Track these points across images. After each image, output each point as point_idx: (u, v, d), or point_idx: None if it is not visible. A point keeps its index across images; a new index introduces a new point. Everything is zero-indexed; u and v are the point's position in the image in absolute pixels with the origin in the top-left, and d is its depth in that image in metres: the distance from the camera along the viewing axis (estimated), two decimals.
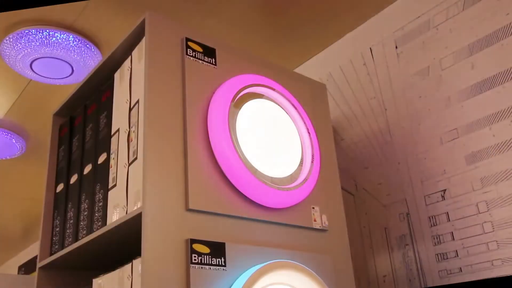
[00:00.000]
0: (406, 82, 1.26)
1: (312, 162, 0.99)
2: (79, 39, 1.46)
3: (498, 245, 1.00)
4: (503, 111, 1.04)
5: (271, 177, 0.92)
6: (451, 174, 1.11)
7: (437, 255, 1.11)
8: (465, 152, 1.10)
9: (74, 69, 1.57)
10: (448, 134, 1.14)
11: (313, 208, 0.99)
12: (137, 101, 0.90)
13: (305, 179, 0.96)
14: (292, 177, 0.96)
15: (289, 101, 1.03)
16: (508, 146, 1.02)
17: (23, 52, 1.47)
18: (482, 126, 1.07)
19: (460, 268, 1.06)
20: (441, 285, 1.04)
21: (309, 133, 1.02)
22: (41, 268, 1.08)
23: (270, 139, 0.97)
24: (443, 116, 1.16)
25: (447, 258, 1.09)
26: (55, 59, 1.51)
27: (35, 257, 3.09)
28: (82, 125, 1.11)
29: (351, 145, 1.38)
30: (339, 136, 1.41)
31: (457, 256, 1.07)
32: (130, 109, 0.92)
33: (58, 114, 1.22)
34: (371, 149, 1.32)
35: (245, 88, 0.95)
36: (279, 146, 0.98)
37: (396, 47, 1.30)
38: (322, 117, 1.14)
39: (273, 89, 1.01)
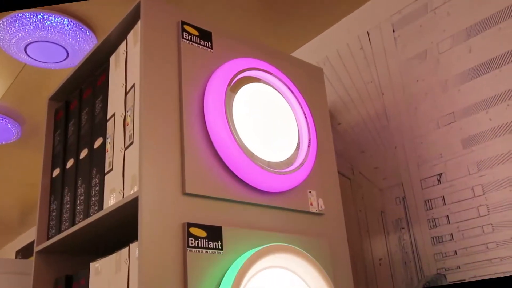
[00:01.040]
0: (403, 66, 1.25)
1: (308, 146, 0.99)
2: (73, 23, 1.45)
3: (493, 228, 1.01)
4: (500, 95, 1.04)
5: (268, 161, 0.92)
6: (447, 158, 1.12)
7: (433, 238, 1.12)
8: (461, 136, 1.10)
9: (69, 53, 1.55)
10: (444, 118, 1.14)
11: (310, 192, 1.00)
12: (133, 85, 0.90)
13: (302, 163, 0.96)
14: (289, 161, 0.96)
15: (286, 85, 1.02)
16: (505, 129, 1.02)
17: (17, 36, 1.45)
18: (478, 110, 1.07)
19: (455, 251, 1.07)
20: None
21: (305, 117, 1.02)
22: (38, 252, 1.08)
23: (267, 123, 0.97)
24: (440, 100, 1.15)
25: (442, 241, 1.10)
26: (50, 43, 1.50)
27: (33, 242, 3.10)
28: (77, 109, 1.10)
29: (348, 129, 1.38)
30: (336, 120, 1.41)
31: (453, 239, 1.08)
32: (126, 93, 0.92)
33: (53, 98, 1.21)
34: (367, 133, 1.32)
35: (242, 72, 0.95)
36: (275, 130, 0.97)
37: (394, 31, 1.29)
38: (319, 101, 1.13)
39: (270, 73, 1.00)
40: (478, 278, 1.01)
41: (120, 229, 0.95)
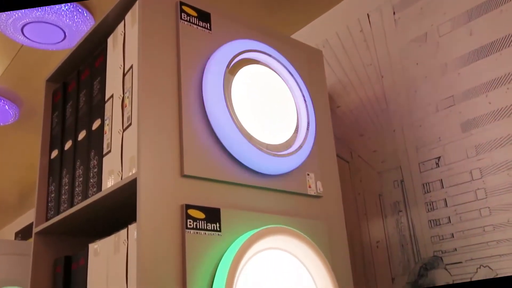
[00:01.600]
0: (403, 49, 1.25)
1: (307, 129, 0.99)
2: (71, 4, 1.43)
3: (490, 212, 1.01)
4: (500, 78, 1.04)
5: (267, 144, 0.91)
6: (446, 142, 1.12)
7: (430, 221, 1.12)
8: (460, 119, 1.10)
9: (66, 34, 1.54)
10: (444, 102, 1.14)
11: (308, 174, 1.00)
12: (131, 67, 0.89)
13: (300, 146, 0.96)
14: (288, 144, 0.96)
15: (285, 67, 1.02)
16: (504, 113, 1.02)
17: (14, 16, 1.44)
18: (478, 94, 1.07)
19: (452, 234, 1.07)
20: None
21: (304, 99, 1.02)
22: (37, 233, 1.09)
23: (266, 105, 0.96)
24: (440, 83, 1.15)
25: (439, 224, 1.10)
26: (47, 24, 1.48)
27: (32, 224, 3.12)
28: (75, 91, 1.10)
29: (347, 112, 1.38)
30: (335, 103, 1.41)
31: (450, 222, 1.08)
32: (124, 75, 0.91)
33: (51, 80, 1.21)
34: (366, 116, 1.32)
35: (241, 54, 0.94)
36: (274, 112, 0.97)
37: (394, 13, 1.28)
38: (318, 84, 1.13)
39: (269, 55, 0.99)
40: (474, 260, 1.02)
41: (119, 211, 0.95)
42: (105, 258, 0.87)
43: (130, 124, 0.86)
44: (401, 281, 1.16)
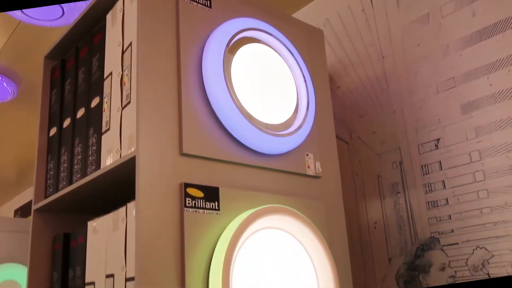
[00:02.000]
0: (405, 30, 1.24)
1: (307, 109, 0.99)
2: None
3: (488, 194, 1.02)
4: (502, 60, 1.03)
5: (266, 123, 0.91)
6: (445, 124, 1.11)
7: (428, 203, 1.13)
8: (461, 101, 1.09)
9: (64, 10, 1.52)
10: (445, 83, 1.13)
11: (307, 155, 1.00)
12: (130, 44, 0.88)
13: (300, 126, 0.96)
14: (287, 124, 0.95)
15: (285, 46, 1.01)
16: (505, 95, 1.01)
17: None
18: (479, 75, 1.06)
19: (450, 215, 1.08)
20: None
21: (305, 79, 1.01)
22: (36, 210, 1.09)
23: (265, 85, 0.96)
24: (441, 64, 1.14)
25: (437, 206, 1.11)
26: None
27: (31, 201, 3.13)
28: (74, 68, 1.09)
29: (347, 93, 1.37)
30: (335, 84, 1.40)
31: (447, 204, 1.09)
32: (123, 52, 0.90)
33: (49, 57, 1.20)
34: (367, 97, 1.31)
35: (241, 32, 0.93)
36: (274, 92, 0.97)
37: None
38: (318, 64, 1.12)
39: (270, 34, 0.98)
40: (471, 241, 1.03)
41: (118, 189, 0.95)
42: (104, 235, 0.88)
43: (129, 102, 0.85)
44: (397, 262, 1.17)
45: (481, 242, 1.01)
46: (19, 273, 1.59)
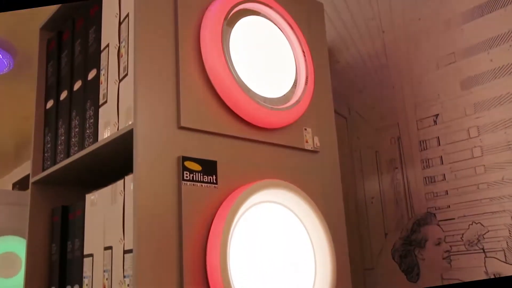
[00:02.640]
0: (406, 3, 1.22)
1: (306, 83, 0.98)
2: None
3: (485, 170, 1.02)
4: (503, 35, 1.02)
5: (264, 97, 0.91)
6: (445, 99, 1.11)
7: (425, 178, 1.13)
8: (460, 77, 1.08)
9: None
10: (445, 58, 1.12)
11: (305, 129, 0.99)
12: (127, 15, 0.87)
13: (298, 100, 0.95)
14: (286, 98, 0.95)
15: (284, 19, 0.99)
16: (505, 71, 1.01)
17: None
18: (480, 51, 1.05)
19: (447, 191, 1.08)
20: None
21: (304, 54, 1.00)
22: (34, 183, 1.09)
23: (264, 58, 0.95)
24: (442, 39, 1.13)
25: (434, 182, 1.11)
26: None
27: (29, 175, 3.13)
28: (70, 40, 1.07)
29: (346, 68, 1.36)
30: (334, 58, 1.39)
31: (445, 179, 1.09)
32: (120, 24, 0.89)
33: (45, 28, 1.18)
34: (366, 72, 1.30)
35: (240, 4, 0.92)
36: (273, 66, 0.96)
37: None
38: (317, 38, 1.11)
39: (269, 6, 0.97)
40: (467, 217, 1.04)
41: (115, 162, 0.95)
42: (102, 208, 0.88)
43: (126, 75, 0.85)
44: (394, 236, 1.19)
45: (477, 218, 1.02)
46: (18, 245, 1.60)
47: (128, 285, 0.77)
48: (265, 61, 0.95)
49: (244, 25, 0.93)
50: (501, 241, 0.98)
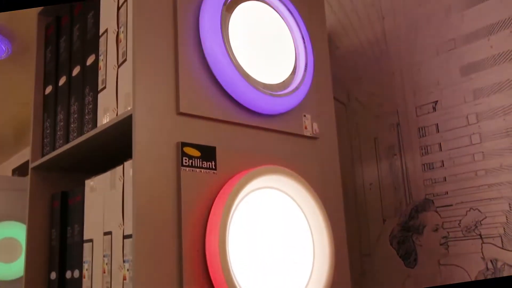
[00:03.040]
0: None
1: (305, 69, 0.98)
2: None
3: (483, 156, 1.02)
4: (504, 21, 1.01)
5: (264, 83, 0.90)
6: (444, 86, 1.11)
7: (424, 165, 1.13)
8: (460, 63, 1.08)
9: None
10: (445, 45, 1.12)
11: (305, 116, 0.99)
12: (125, 0, 0.86)
13: (298, 87, 0.95)
14: (285, 84, 0.95)
15: (284, 5, 0.99)
16: (505, 58, 1.01)
17: None
18: (480, 37, 1.05)
19: (445, 177, 1.09)
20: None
21: (303, 39, 1.00)
22: (33, 168, 1.09)
23: (264, 44, 0.94)
24: (442, 25, 1.12)
25: (433, 168, 1.11)
26: None
27: (28, 161, 3.13)
28: (69, 25, 1.07)
29: (346, 54, 1.36)
30: (334, 44, 1.38)
31: (443, 166, 1.09)
32: (118, 8, 0.88)
33: (43, 13, 1.17)
34: (365, 58, 1.30)
35: None
36: (272, 51, 0.95)
37: None
38: (317, 24, 1.10)
39: None
40: (465, 203, 1.04)
41: (115, 148, 0.95)
42: (102, 194, 0.88)
43: (125, 60, 0.84)
44: (392, 223, 1.19)
45: (474, 204, 1.03)
46: (19, 230, 1.61)
47: (127, 269, 0.77)
48: (265, 47, 0.94)
49: (243, 10, 0.92)
50: (498, 227, 0.98)
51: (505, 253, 0.97)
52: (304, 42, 0.99)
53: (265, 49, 0.94)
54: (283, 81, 0.95)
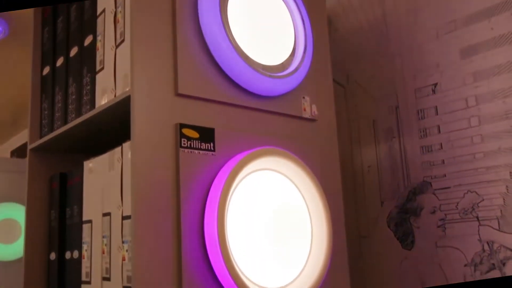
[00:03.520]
0: None
1: (304, 51, 0.97)
2: None
3: (482, 139, 1.02)
4: (504, 3, 1.00)
5: (263, 64, 0.90)
6: (444, 68, 1.10)
7: (422, 147, 1.14)
8: (460, 45, 1.07)
9: None
10: (445, 26, 1.11)
11: (304, 97, 0.99)
12: None
13: (297, 68, 0.94)
14: (284, 65, 0.94)
15: None
16: (506, 39, 1.00)
17: None
18: (481, 19, 1.04)
19: (443, 160, 1.09)
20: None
21: (303, 21, 0.99)
22: (32, 150, 1.09)
23: (263, 25, 0.94)
24: (443, 7, 1.11)
25: (431, 151, 1.11)
26: None
27: (27, 143, 3.12)
28: (66, 5, 1.06)
29: (345, 36, 1.35)
30: (333, 27, 1.37)
31: (442, 148, 1.09)
32: None
33: None
34: (365, 40, 1.29)
35: None
36: (271, 33, 0.95)
37: None
38: (317, 5, 1.09)
39: None
40: (462, 186, 1.04)
41: (113, 129, 0.95)
42: (100, 175, 0.89)
43: (123, 40, 0.84)
44: (389, 205, 1.20)
45: (472, 186, 1.03)
46: (18, 212, 1.62)
47: (126, 250, 0.78)
48: (264, 28, 0.93)
49: None
50: (495, 210, 0.99)
51: (502, 235, 0.98)
52: (303, 24, 0.98)
53: (264, 30, 0.93)
54: (282, 62, 0.94)
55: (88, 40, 0.95)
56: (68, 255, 0.97)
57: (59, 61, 1.06)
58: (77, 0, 0.98)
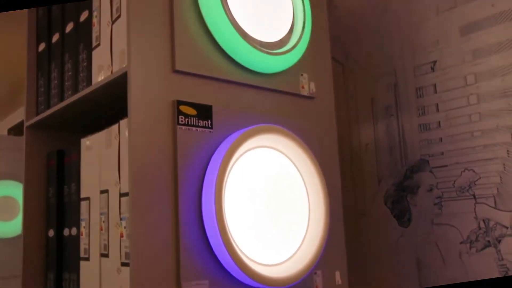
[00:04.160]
0: None
1: (303, 28, 0.96)
2: None
3: (480, 117, 1.02)
4: None
5: (261, 41, 0.89)
6: (443, 45, 1.09)
7: (420, 125, 1.13)
8: (460, 22, 1.06)
9: None
10: (445, 3, 1.09)
11: (302, 75, 0.98)
12: None
13: (295, 45, 0.93)
14: (282, 42, 0.93)
15: None
16: (506, 16, 0.99)
17: None
18: None
19: (441, 138, 1.09)
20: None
21: None
22: (29, 127, 1.09)
23: (261, 2, 0.92)
24: None
25: (429, 129, 1.11)
26: None
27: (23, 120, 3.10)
28: None
29: (344, 13, 1.33)
30: (333, 4, 1.35)
31: (439, 127, 1.09)
32: None
33: None
34: (364, 18, 1.28)
35: None
36: (270, 9, 0.93)
37: None
38: None
39: None
40: (460, 164, 1.05)
41: (110, 106, 0.94)
42: (97, 152, 0.88)
43: (119, 16, 0.82)
44: (387, 183, 1.20)
45: (469, 165, 1.03)
46: (16, 189, 1.62)
47: (124, 227, 0.78)
48: (262, 4, 0.92)
49: None
50: (492, 188, 0.99)
51: (498, 212, 0.98)
52: (302, 0, 0.97)
53: (262, 6, 0.92)
54: (281, 39, 0.93)
55: (84, 16, 0.94)
56: (66, 232, 0.98)
57: (55, 37, 1.05)
58: (76, 0, 0.96)
